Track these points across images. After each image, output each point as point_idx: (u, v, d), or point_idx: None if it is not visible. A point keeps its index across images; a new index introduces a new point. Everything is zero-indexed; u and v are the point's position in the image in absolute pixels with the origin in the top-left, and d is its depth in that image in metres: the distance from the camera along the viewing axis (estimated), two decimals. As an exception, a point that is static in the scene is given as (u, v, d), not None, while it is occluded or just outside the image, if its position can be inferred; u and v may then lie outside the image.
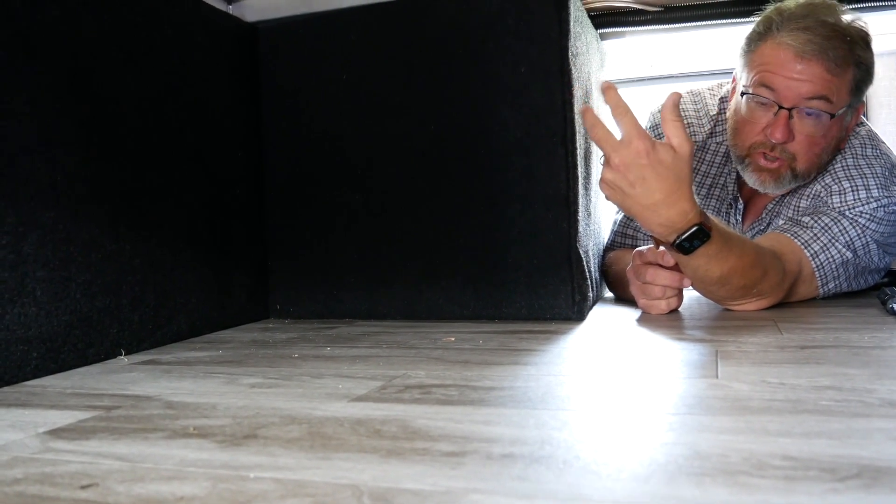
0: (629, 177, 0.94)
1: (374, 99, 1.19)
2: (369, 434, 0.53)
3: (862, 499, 0.39)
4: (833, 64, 1.16)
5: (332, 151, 1.21)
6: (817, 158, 1.23)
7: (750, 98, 1.23)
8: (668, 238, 1.00)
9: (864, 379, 0.66)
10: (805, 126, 1.19)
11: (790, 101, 1.18)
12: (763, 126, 1.21)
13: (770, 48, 1.20)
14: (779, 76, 1.18)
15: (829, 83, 1.17)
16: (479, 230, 1.14)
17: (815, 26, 1.16)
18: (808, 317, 1.08)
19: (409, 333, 1.02)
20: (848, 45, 1.17)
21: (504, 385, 0.68)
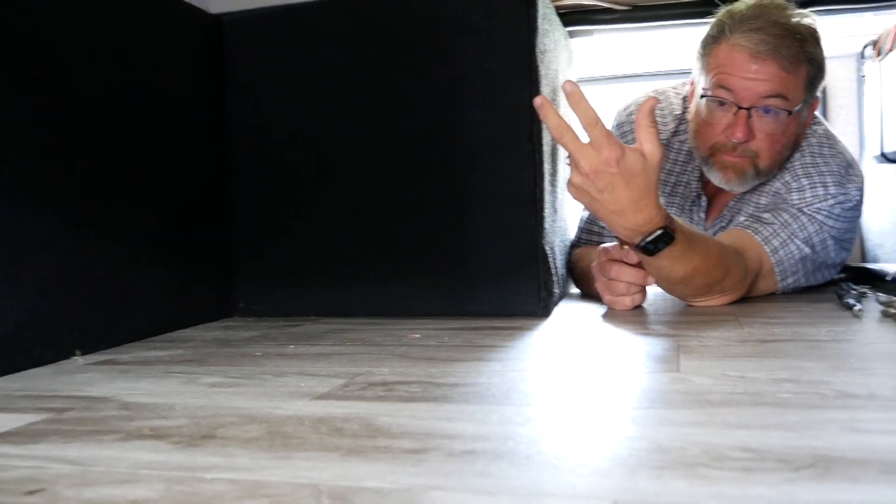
0: (598, 184, 0.94)
1: (342, 94, 1.17)
2: (330, 432, 0.53)
3: (815, 488, 0.39)
4: (787, 62, 1.18)
5: (299, 147, 1.20)
6: (778, 155, 1.25)
7: (709, 100, 1.24)
8: (633, 240, 1.01)
9: (820, 372, 0.67)
10: (764, 124, 1.21)
11: (748, 101, 1.20)
12: (723, 127, 1.23)
13: (725, 50, 1.22)
14: (735, 77, 1.20)
15: (785, 81, 1.19)
16: (445, 227, 1.13)
17: (766, 26, 1.19)
18: (767, 311, 1.10)
19: (374, 331, 1.01)
20: (799, 43, 1.20)
21: (468, 381, 0.68)
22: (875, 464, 0.43)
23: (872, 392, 0.59)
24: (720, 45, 1.23)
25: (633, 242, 1.01)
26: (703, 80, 1.26)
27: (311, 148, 1.19)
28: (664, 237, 0.99)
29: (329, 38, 1.18)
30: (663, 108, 1.43)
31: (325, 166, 1.18)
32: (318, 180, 1.18)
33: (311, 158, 1.19)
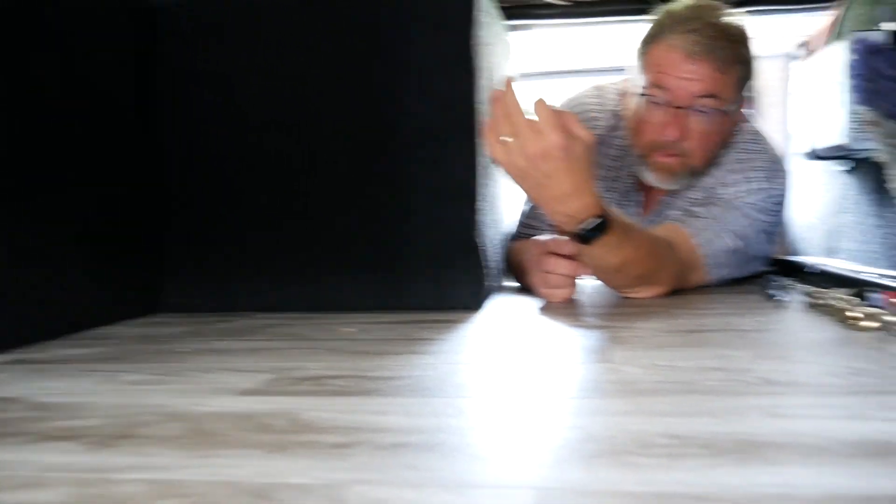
0: (543, 167, 0.94)
1: (278, 83, 1.15)
2: (254, 429, 0.51)
3: (737, 472, 0.40)
4: (720, 63, 1.21)
5: (233, 138, 1.17)
6: (710, 153, 1.28)
7: (646, 99, 1.26)
8: (570, 228, 1.01)
9: (745, 360, 0.68)
10: (698, 123, 1.23)
11: (683, 101, 1.22)
12: (659, 125, 1.25)
13: (661, 50, 1.24)
14: (671, 77, 1.22)
15: (718, 81, 1.22)
16: (382, 220, 1.12)
17: (702, 28, 1.21)
18: (697, 303, 1.12)
19: (307, 325, 1.00)
20: (733, 45, 1.23)
21: (400, 374, 0.67)
22: (794, 447, 0.43)
23: (794, 379, 0.61)
24: (657, 44, 1.25)
25: (570, 230, 1.02)
26: (641, 78, 1.28)
27: (245, 139, 1.16)
28: (600, 225, 1.00)
29: (265, 27, 1.15)
30: (602, 104, 1.45)
31: (259, 157, 1.15)
32: (251, 172, 1.16)
33: (245, 149, 1.16)
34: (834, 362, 0.67)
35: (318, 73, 1.13)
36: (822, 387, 0.58)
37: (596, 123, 1.42)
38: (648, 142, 1.28)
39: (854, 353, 0.70)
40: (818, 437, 0.45)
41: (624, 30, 1.70)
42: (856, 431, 0.46)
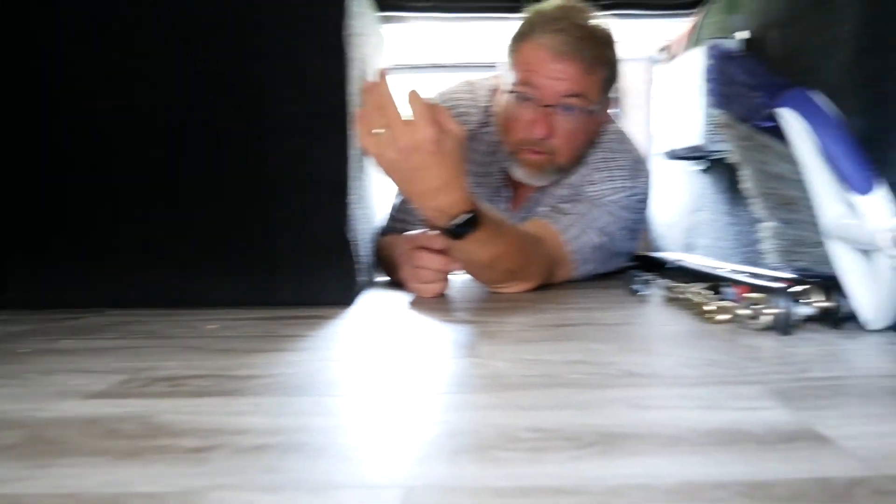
0: (413, 161, 0.94)
1: (129, 67, 1.08)
2: (103, 434, 0.48)
3: (600, 464, 0.41)
4: (587, 64, 1.25)
5: (82, 126, 1.09)
6: (576, 151, 1.32)
7: (515, 96, 1.29)
8: (441, 223, 1.01)
9: (609, 353, 0.70)
10: (564, 122, 1.27)
11: (550, 99, 1.25)
12: (527, 123, 1.27)
13: (530, 48, 1.27)
14: (539, 75, 1.25)
15: (584, 81, 1.25)
16: (247, 212, 1.08)
17: (569, 28, 1.25)
18: (564, 297, 1.14)
19: (165, 322, 0.95)
20: (599, 47, 1.27)
21: (264, 373, 0.65)
22: (655, 438, 0.45)
23: (654, 371, 0.63)
24: (527, 43, 1.28)
25: (441, 225, 1.01)
26: (510, 75, 1.30)
27: (95, 126, 1.09)
28: (471, 220, 1.00)
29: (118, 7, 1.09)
30: (473, 99, 1.46)
31: (109, 145, 1.09)
32: (104, 159, 1.09)
33: (96, 137, 1.09)
34: (691, 354, 0.69)
35: (176, 59, 1.08)
36: (680, 378, 0.60)
37: (467, 119, 1.43)
38: (517, 139, 1.30)
39: (709, 344, 0.74)
40: (676, 427, 0.47)
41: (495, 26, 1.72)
42: (710, 421, 0.48)
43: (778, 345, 0.73)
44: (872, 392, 0.55)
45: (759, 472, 0.39)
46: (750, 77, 0.95)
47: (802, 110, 0.80)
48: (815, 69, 1.02)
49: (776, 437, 0.44)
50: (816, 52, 1.02)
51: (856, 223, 0.75)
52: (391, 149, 0.94)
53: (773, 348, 0.71)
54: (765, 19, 1.23)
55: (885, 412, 0.50)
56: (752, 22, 1.29)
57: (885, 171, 0.82)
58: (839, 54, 0.95)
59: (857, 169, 0.75)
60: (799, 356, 0.67)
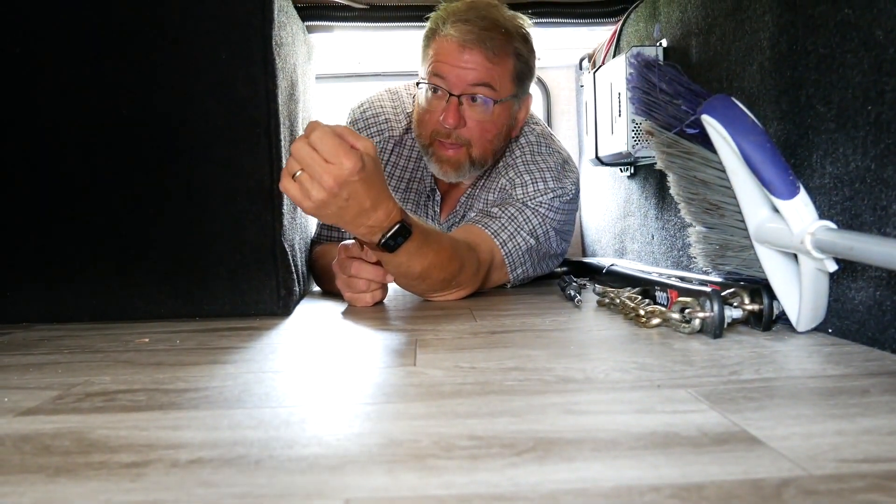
0: (343, 194, 0.91)
1: (58, 78, 1.06)
2: (36, 451, 0.47)
3: (536, 470, 0.42)
4: (492, 53, 1.27)
5: (8, 135, 1.07)
6: (490, 144, 1.33)
7: (425, 88, 1.31)
8: (374, 239, 1.00)
9: (544, 359, 0.71)
10: (474, 112, 1.29)
11: (458, 88, 1.28)
12: (439, 114, 1.29)
13: (439, 41, 1.30)
14: (447, 65, 1.28)
15: (491, 71, 1.28)
16: (177, 224, 1.07)
17: (475, 19, 1.28)
18: (498, 304, 1.16)
19: (96, 336, 0.93)
20: (505, 37, 1.29)
21: (199, 386, 0.64)
22: (588, 442, 0.46)
23: (588, 376, 0.64)
24: (436, 37, 1.31)
25: (374, 241, 1.01)
26: (422, 69, 1.33)
27: (22, 136, 1.06)
28: (402, 231, 1.00)
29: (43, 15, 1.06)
30: (396, 107, 1.47)
31: (33, 157, 1.06)
32: (29, 171, 1.06)
33: (22, 148, 1.07)
34: (624, 359, 0.71)
35: (101, 68, 1.06)
36: (614, 383, 0.61)
37: (390, 125, 1.44)
38: (429, 131, 1.32)
39: (641, 349, 0.75)
40: (610, 431, 0.48)
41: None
42: (643, 424, 0.49)
43: (709, 348, 0.75)
44: (802, 393, 0.57)
45: (691, 475, 0.40)
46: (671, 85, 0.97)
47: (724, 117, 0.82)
48: (735, 76, 1.05)
49: (708, 440, 0.46)
50: (735, 59, 1.05)
51: (780, 227, 0.78)
52: (318, 190, 0.90)
53: (704, 351, 0.73)
54: (684, 27, 1.27)
55: (814, 413, 0.51)
56: (672, 30, 1.33)
57: (806, 176, 0.85)
58: (757, 62, 0.98)
59: (778, 174, 0.77)
60: (729, 359, 0.69)
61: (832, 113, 0.80)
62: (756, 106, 0.97)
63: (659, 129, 0.99)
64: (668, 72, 0.98)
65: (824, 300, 0.80)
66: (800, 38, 0.87)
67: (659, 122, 0.99)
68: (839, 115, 0.79)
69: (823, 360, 0.69)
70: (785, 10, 0.90)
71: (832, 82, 0.80)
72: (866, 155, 0.74)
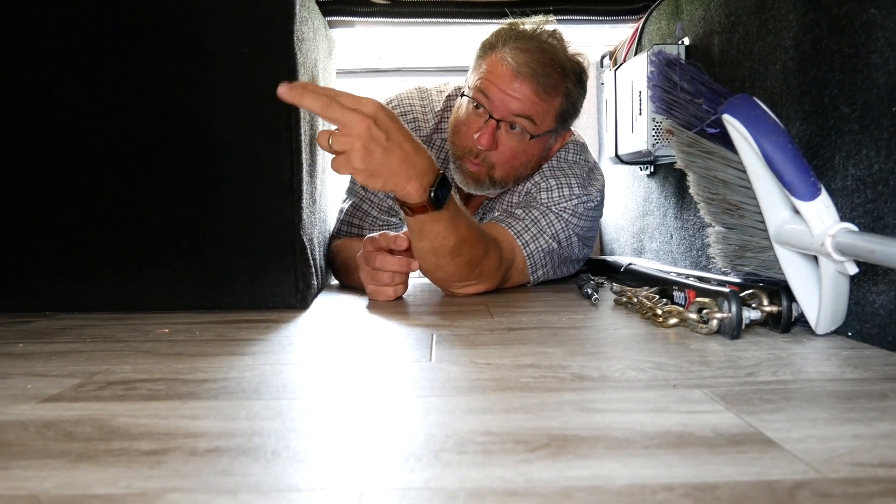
0: (379, 133, 0.93)
1: (82, 72, 1.07)
2: (59, 437, 0.48)
3: (549, 466, 0.42)
4: (542, 89, 1.26)
5: (31, 129, 1.08)
6: (514, 171, 1.33)
7: (468, 101, 1.30)
8: (423, 195, 1.00)
9: (559, 357, 0.71)
10: (510, 139, 1.28)
11: (500, 113, 1.27)
12: (474, 131, 1.28)
13: (494, 60, 1.28)
14: (495, 87, 1.26)
15: (536, 105, 1.27)
16: (198, 217, 1.08)
17: (534, 50, 1.26)
18: (516, 302, 1.16)
19: (117, 326, 0.94)
20: (559, 76, 1.28)
21: (217, 377, 0.65)
22: (602, 440, 0.46)
23: (604, 374, 0.64)
24: (493, 53, 1.29)
25: (423, 198, 1.01)
26: (470, 79, 1.32)
27: (45, 129, 1.08)
28: (445, 182, 1.02)
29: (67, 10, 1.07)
30: (425, 105, 1.47)
31: (58, 148, 1.07)
32: (53, 164, 1.08)
33: (45, 141, 1.08)
34: (640, 358, 0.71)
35: (125, 63, 1.07)
36: (629, 381, 0.61)
37: (418, 125, 1.44)
38: (462, 144, 1.31)
39: (658, 348, 0.75)
40: (625, 429, 0.48)
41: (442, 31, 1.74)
42: (658, 424, 0.49)
43: (726, 349, 0.74)
44: (818, 396, 0.57)
45: (704, 475, 0.40)
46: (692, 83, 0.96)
47: (745, 117, 0.82)
48: (757, 75, 1.04)
49: (723, 441, 0.45)
50: (758, 58, 1.04)
51: (801, 229, 0.77)
52: (355, 138, 0.93)
53: (721, 352, 0.73)
54: (707, 25, 1.26)
55: (830, 416, 0.51)
56: (695, 28, 1.32)
57: (828, 178, 0.84)
58: (780, 61, 0.97)
59: (800, 175, 0.76)
60: (746, 360, 0.69)
61: (856, 114, 0.80)
62: (778, 106, 0.96)
63: (679, 128, 0.99)
64: (690, 70, 0.98)
65: (844, 303, 0.79)
66: (824, 37, 0.86)
67: (679, 121, 0.99)
68: (863, 116, 0.78)
69: (842, 363, 0.68)
70: (810, 8, 0.89)
71: (856, 83, 0.80)
72: (890, 157, 0.74)
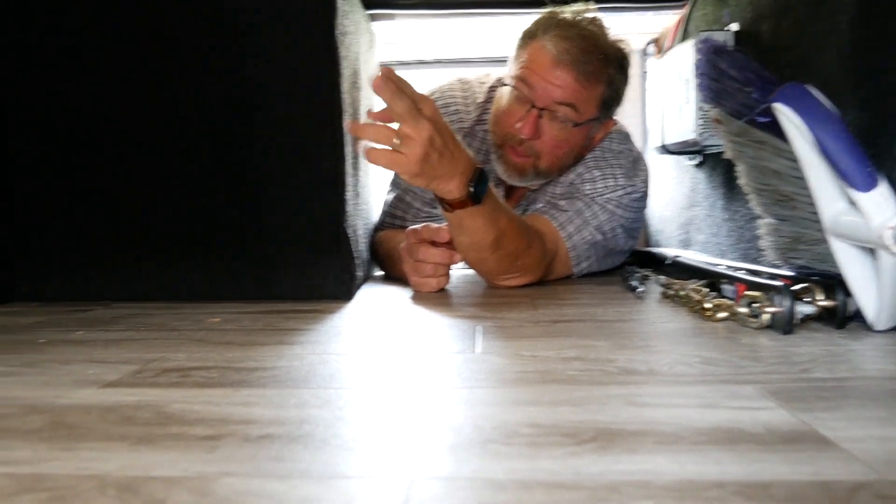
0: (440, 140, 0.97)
1: (132, 69, 1.10)
2: (119, 421, 0.50)
3: (597, 460, 0.42)
4: (583, 77, 1.25)
5: (84, 125, 1.10)
6: (559, 160, 1.32)
7: (510, 90, 1.29)
8: (462, 191, 1.03)
9: (606, 350, 0.71)
10: (552, 128, 1.27)
11: (542, 102, 1.26)
12: (516, 119, 1.27)
13: (535, 48, 1.28)
14: (536, 76, 1.26)
15: (578, 93, 1.26)
16: (245, 208, 1.09)
17: (575, 37, 1.25)
18: (560, 294, 1.15)
19: (170, 315, 0.97)
20: (601, 62, 1.27)
21: (267, 365, 0.66)
22: (651, 435, 0.46)
23: (651, 368, 0.63)
24: (533, 41, 1.28)
25: (463, 194, 1.03)
26: (512, 68, 1.31)
27: (99, 124, 1.10)
28: (483, 177, 1.04)
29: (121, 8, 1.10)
30: (467, 97, 1.46)
31: (114, 143, 1.10)
32: (107, 158, 1.10)
33: (99, 135, 1.10)
34: (688, 352, 0.70)
35: (173, 62, 1.09)
36: (678, 376, 0.61)
37: (460, 116, 1.43)
38: (503, 132, 1.31)
39: (707, 342, 0.74)
40: (674, 425, 0.48)
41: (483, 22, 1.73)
42: (708, 419, 0.49)
43: (778, 344, 0.73)
44: (877, 394, 0.55)
45: (757, 473, 0.39)
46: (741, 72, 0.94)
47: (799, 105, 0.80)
48: (810, 62, 1.02)
49: (776, 438, 0.45)
50: (811, 44, 1.02)
51: (858, 220, 0.75)
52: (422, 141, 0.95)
53: (773, 347, 0.71)
54: (756, 10, 1.23)
55: (889, 415, 0.50)
56: (743, 13, 1.29)
57: (886, 167, 0.81)
58: (835, 46, 0.94)
59: (857, 165, 0.74)
60: (800, 356, 0.67)
61: (916, 101, 0.77)
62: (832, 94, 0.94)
63: (728, 118, 0.97)
64: (739, 58, 0.96)
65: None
66: (883, 21, 0.83)
67: (728, 110, 0.97)
68: (923, 103, 0.76)
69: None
70: (866, -10, 0.87)
71: (917, 69, 0.77)
72: (949, 147, 0.71)
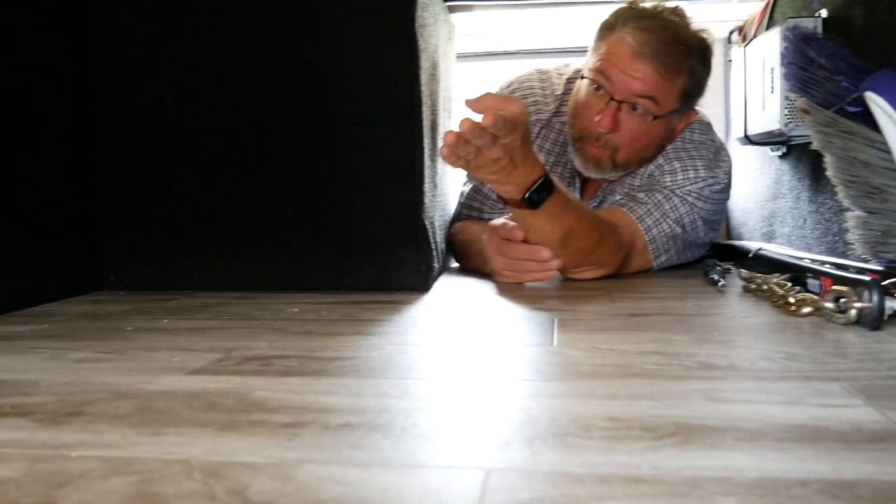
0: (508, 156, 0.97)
1: (216, 63, 1.13)
2: (204, 407, 0.51)
3: (676, 455, 0.41)
4: (664, 69, 1.22)
5: (170, 117, 1.14)
6: (637, 153, 1.30)
7: (588, 83, 1.28)
8: (518, 195, 1.03)
9: (685, 344, 0.70)
10: (631, 121, 1.25)
11: (621, 95, 1.23)
12: (595, 113, 1.26)
13: (614, 40, 1.25)
14: (616, 68, 1.24)
15: (659, 85, 1.23)
16: (324, 200, 1.11)
17: (655, 29, 1.23)
18: (638, 287, 1.14)
19: (251, 305, 0.99)
20: (682, 54, 1.24)
21: (346, 355, 0.68)
22: (732, 431, 0.45)
23: (733, 363, 0.62)
24: (612, 33, 1.26)
25: (517, 197, 1.03)
26: (590, 61, 1.30)
27: (183, 118, 1.14)
28: (545, 185, 1.03)
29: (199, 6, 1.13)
30: (545, 88, 1.45)
31: (198, 135, 1.13)
32: (191, 149, 1.14)
33: (183, 129, 1.14)
34: (771, 347, 0.68)
35: (255, 54, 1.12)
36: (760, 372, 0.59)
37: (538, 108, 1.42)
38: (582, 125, 1.29)
39: (791, 338, 0.73)
40: (755, 421, 0.47)
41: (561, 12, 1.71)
42: (791, 417, 0.48)
43: (866, 340, 0.71)
44: None
45: (843, 472, 0.38)
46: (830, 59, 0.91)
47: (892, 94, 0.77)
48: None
49: (862, 437, 0.43)
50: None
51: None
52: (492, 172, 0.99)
53: (860, 344, 0.69)
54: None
55: None
56: (832, -1, 1.25)
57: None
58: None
59: None
60: (889, 353, 0.65)
61: None
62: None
63: (816, 107, 0.94)
64: (828, 45, 0.93)
65: None
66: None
67: (816, 100, 0.94)
68: None
69: None
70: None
71: None
72: None
